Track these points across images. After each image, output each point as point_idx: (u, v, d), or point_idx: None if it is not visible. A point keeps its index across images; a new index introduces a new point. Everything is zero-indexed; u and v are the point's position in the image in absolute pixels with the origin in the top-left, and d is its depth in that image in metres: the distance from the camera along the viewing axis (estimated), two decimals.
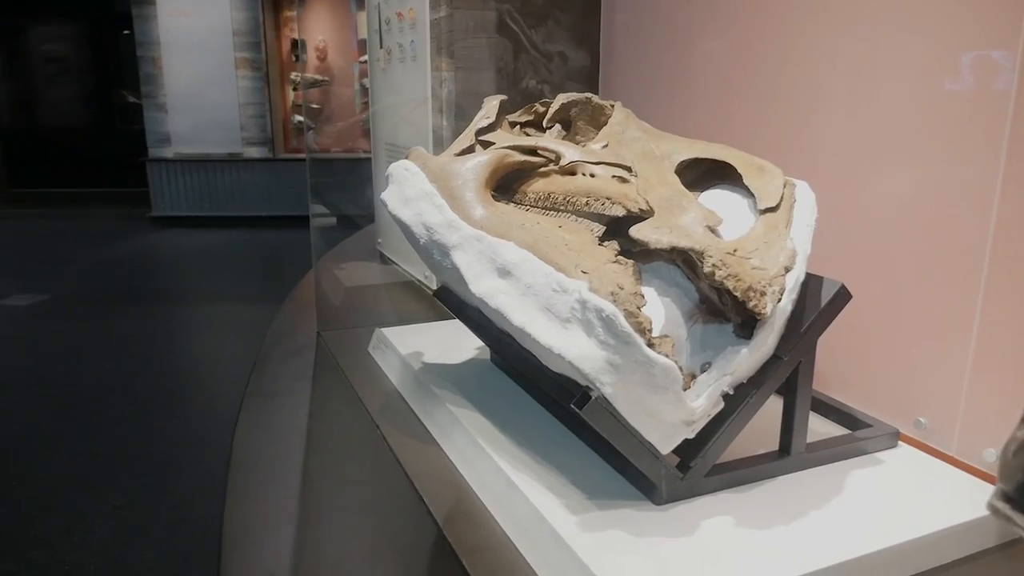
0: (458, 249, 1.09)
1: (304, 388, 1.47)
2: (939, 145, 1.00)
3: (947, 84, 0.97)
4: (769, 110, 1.30)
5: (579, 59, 1.86)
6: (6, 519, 2.32)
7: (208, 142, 8.63)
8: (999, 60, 0.90)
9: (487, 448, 1.03)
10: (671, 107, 1.57)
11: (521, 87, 1.85)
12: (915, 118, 1.03)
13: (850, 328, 1.03)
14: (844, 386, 1.16)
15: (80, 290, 5.56)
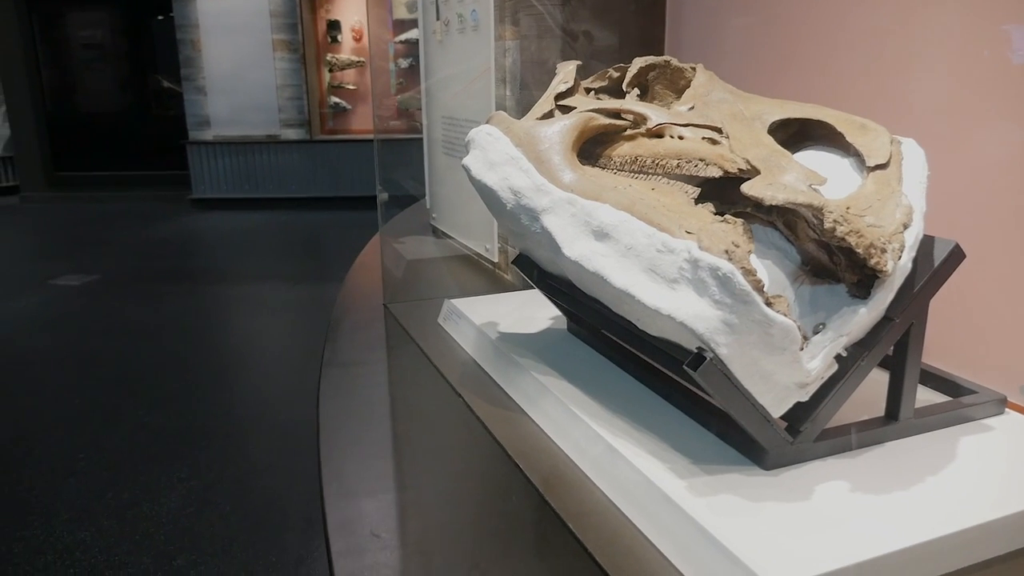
0: (549, 213, 1.07)
1: (379, 358, 1.47)
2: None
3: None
4: (863, 71, 1.26)
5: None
6: (77, 490, 2.37)
7: (246, 124, 8.68)
8: None
9: (581, 415, 1.02)
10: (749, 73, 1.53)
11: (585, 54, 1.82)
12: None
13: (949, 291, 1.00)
14: (942, 352, 1.13)
15: (128, 270, 5.65)
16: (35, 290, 5.02)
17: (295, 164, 8.72)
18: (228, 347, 3.93)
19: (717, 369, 0.80)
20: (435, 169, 2.45)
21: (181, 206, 8.60)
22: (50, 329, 4.21)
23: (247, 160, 8.72)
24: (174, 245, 6.76)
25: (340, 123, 9.10)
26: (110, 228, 7.52)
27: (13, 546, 2.09)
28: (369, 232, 7.05)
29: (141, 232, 7.26)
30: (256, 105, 8.62)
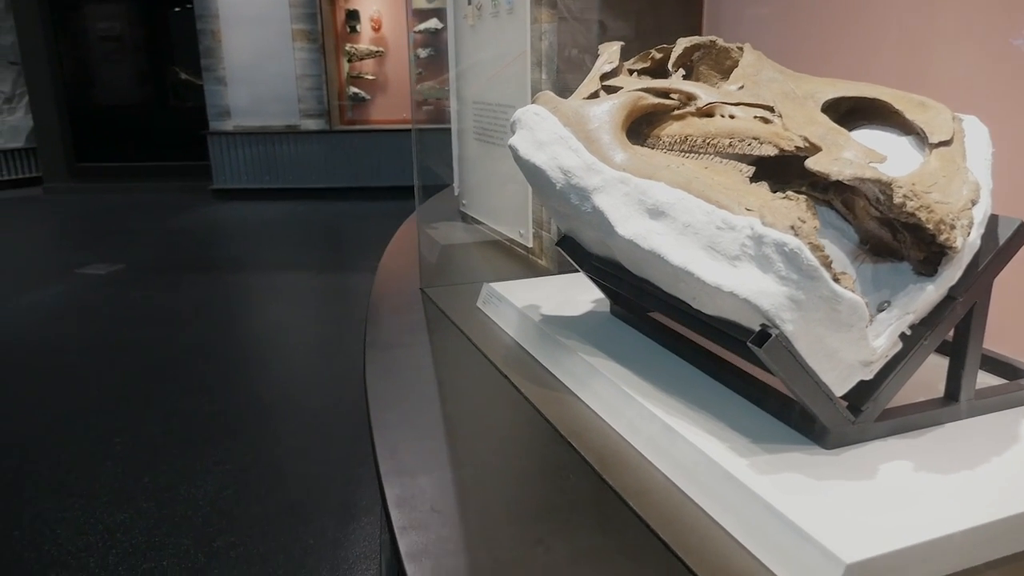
0: (600, 192, 1.06)
1: (421, 340, 1.47)
2: None
3: None
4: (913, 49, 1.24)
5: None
6: (115, 473, 2.41)
7: (266, 115, 8.71)
8: None
9: (634, 395, 1.02)
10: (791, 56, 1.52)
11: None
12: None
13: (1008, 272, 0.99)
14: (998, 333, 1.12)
15: (152, 260, 5.70)
16: (62, 279, 5.08)
17: (315, 154, 8.74)
18: (254, 335, 3.96)
19: (782, 346, 0.79)
20: (465, 156, 2.45)
21: (202, 196, 8.65)
22: (79, 317, 4.26)
23: (267, 150, 8.76)
24: (196, 235, 6.81)
25: (359, 113, 9.11)
26: (133, 218, 7.59)
27: (56, 527, 2.13)
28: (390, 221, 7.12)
29: (163, 222, 7.31)
30: (276, 95, 8.64)
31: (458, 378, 1.28)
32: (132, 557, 1.98)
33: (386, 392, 1.22)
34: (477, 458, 1.00)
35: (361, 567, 1.92)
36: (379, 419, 1.10)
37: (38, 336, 3.94)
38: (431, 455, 1.02)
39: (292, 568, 1.93)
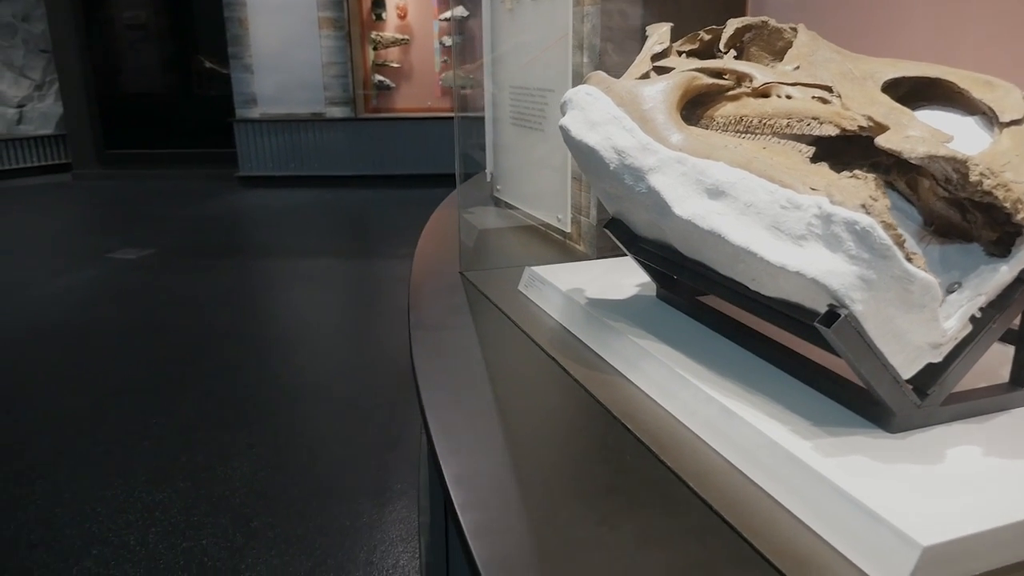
0: (656, 172, 1.05)
1: (464, 322, 1.47)
2: None
3: None
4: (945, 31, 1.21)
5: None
6: (153, 453, 2.44)
7: (292, 102, 8.73)
8: None
9: (689, 377, 1.01)
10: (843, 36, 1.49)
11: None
12: None
13: None
14: None
15: (182, 245, 5.75)
16: (94, 264, 5.14)
17: (340, 142, 8.76)
18: (284, 319, 3.99)
19: (851, 327, 0.78)
20: (500, 142, 2.44)
21: (228, 184, 8.72)
22: (112, 301, 4.31)
23: (293, 138, 8.79)
24: (224, 221, 6.86)
25: (384, 102, 9.11)
26: (161, 204, 7.66)
27: (96, 505, 2.16)
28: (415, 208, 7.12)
29: (191, 208, 7.37)
30: (302, 83, 8.66)
31: (505, 359, 1.28)
32: (171, 536, 2.00)
33: (435, 373, 1.22)
34: (532, 438, 1.00)
35: (397, 550, 1.93)
36: (431, 399, 1.10)
37: (73, 319, 3.99)
38: (486, 435, 1.02)
39: (330, 549, 1.95)
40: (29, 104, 10.96)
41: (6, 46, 10.83)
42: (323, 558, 1.91)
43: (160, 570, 1.88)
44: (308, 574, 1.85)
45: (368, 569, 1.87)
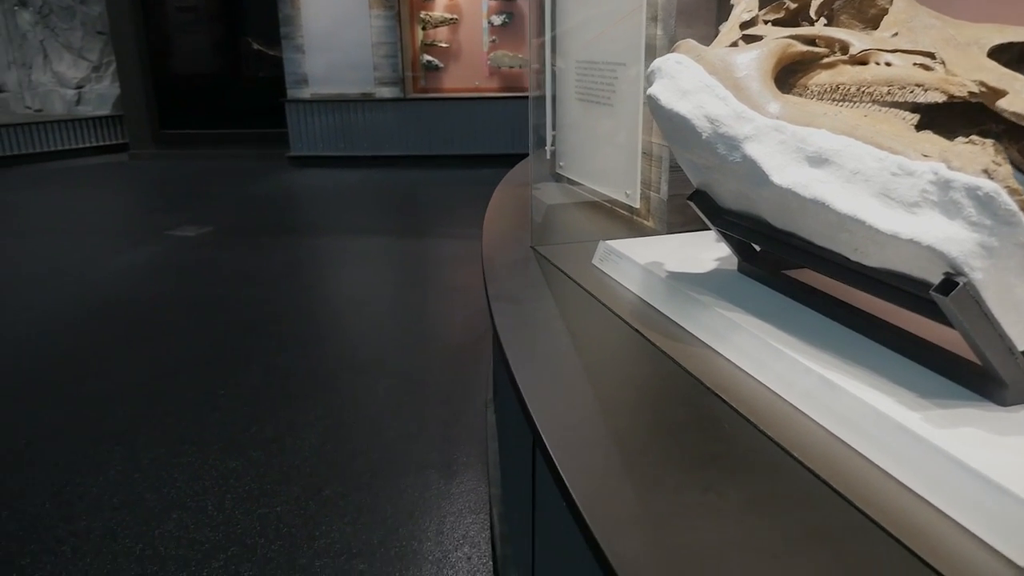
0: (752, 140, 1.04)
1: (542, 295, 1.47)
2: None
3: None
4: None
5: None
6: (222, 424, 2.50)
7: (342, 82, 8.79)
8: None
9: (784, 349, 1.00)
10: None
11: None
12: None
13: None
14: None
15: (237, 223, 5.86)
16: (155, 240, 5.27)
17: (389, 122, 8.81)
18: (341, 296, 4.04)
19: (969, 296, 0.76)
20: (565, 118, 2.42)
21: (279, 163, 8.83)
22: (174, 276, 4.42)
23: (342, 118, 8.86)
24: (277, 200, 6.97)
25: (432, 82, 9.12)
26: (215, 183, 7.80)
27: (172, 471, 2.23)
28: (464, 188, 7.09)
29: (244, 188, 7.50)
30: (352, 63, 8.71)
31: (587, 330, 1.28)
32: (247, 502, 2.06)
33: (521, 343, 1.23)
34: (626, 407, 1.00)
35: (467, 521, 1.96)
36: (520, 368, 1.11)
37: (138, 294, 4.10)
38: (579, 404, 1.02)
39: (401, 518, 1.98)
40: (87, 85, 11.24)
41: (65, 28, 11.10)
42: (394, 527, 1.94)
43: (238, 534, 1.93)
44: (380, 543, 1.88)
45: (439, 539, 1.90)
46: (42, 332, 3.52)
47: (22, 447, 2.42)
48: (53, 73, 11.33)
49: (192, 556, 1.85)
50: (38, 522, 2.02)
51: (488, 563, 1.78)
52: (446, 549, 1.85)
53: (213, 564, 1.82)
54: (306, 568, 1.79)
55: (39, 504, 2.10)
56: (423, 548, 1.86)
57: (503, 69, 8.76)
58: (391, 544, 1.87)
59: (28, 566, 1.85)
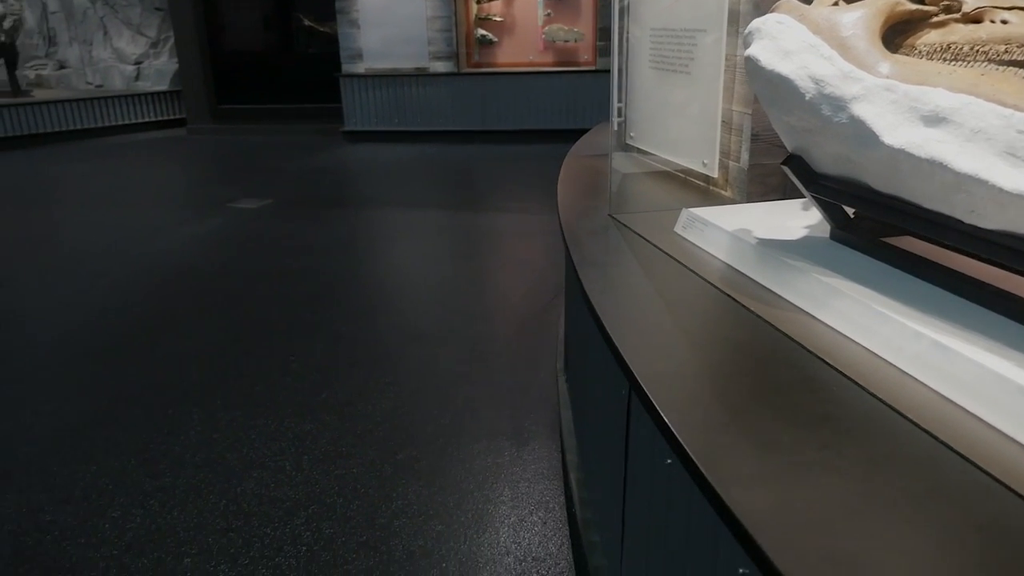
0: (861, 100, 1.02)
1: (626, 260, 1.48)
2: None
3: None
4: None
5: None
6: (295, 388, 2.56)
7: (397, 57, 8.81)
8: None
9: (891, 314, 0.98)
10: None
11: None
12: None
13: None
14: None
15: (295, 196, 5.95)
16: (218, 212, 5.38)
17: (442, 97, 8.81)
18: (399, 267, 4.09)
19: None
20: (637, 87, 2.40)
21: (333, 138, 8.92)
22: (238, 247, 4.52)
23: (396, 93, 8.89)
24: (333, 174, 7.05)
25: (486, 56, 9.08)
26: (271, 157, 7.92)
27: (250, 432, 2.29)
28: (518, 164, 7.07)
29: (300, 162, 7.60)
30: (407, 38, 8.72)
31: (675, 294, 1.28)
32: (324, 463, 2.11)
33: (611, 304, 1.23)
34: (725, 368, 1.00)
35: (540, 486, 1.98)
36: (616, 330, 1.11)
37: (204, 263, 4.21)
38: (676, 362, 1.02)
39: (475, 483, 2.01)
40: (145, 61, 11.46)
41: (124, 5, 11.32)
42: (468, 491, 1.97)
43: (317, 493, 1.98)
44: (456, 506, 1.92)
45: (514, 503, 1.92)
46: (117, 299, 3.64)
47: (106, 407, 2.51)
48: (113, 49, 11.58)
49: (274, 513, 1.91)
50: (125, 477, 2.11)
51: (564, 528, 1.80)
52: (521, 513, 1.88)
53: (295, 521, 1.88)
54: (385, 527, 1.83)
55: (125, 460, 2.19)
56: (498, 511, 1.89)
57: (558, 43, 8.68)
58: (466, 507, 1.90)
59: (119, 518, 1.93)
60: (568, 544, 1.75)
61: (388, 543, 1.78)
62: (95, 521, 1.93)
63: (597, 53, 8.47)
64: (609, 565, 1.37)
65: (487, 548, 1.76)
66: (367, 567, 1.70)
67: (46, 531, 1.90)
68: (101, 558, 1.79)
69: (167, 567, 1.74)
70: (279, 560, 1.74)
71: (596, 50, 8.49)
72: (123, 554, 1.80)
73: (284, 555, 1.76)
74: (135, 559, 1.77)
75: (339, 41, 8.94)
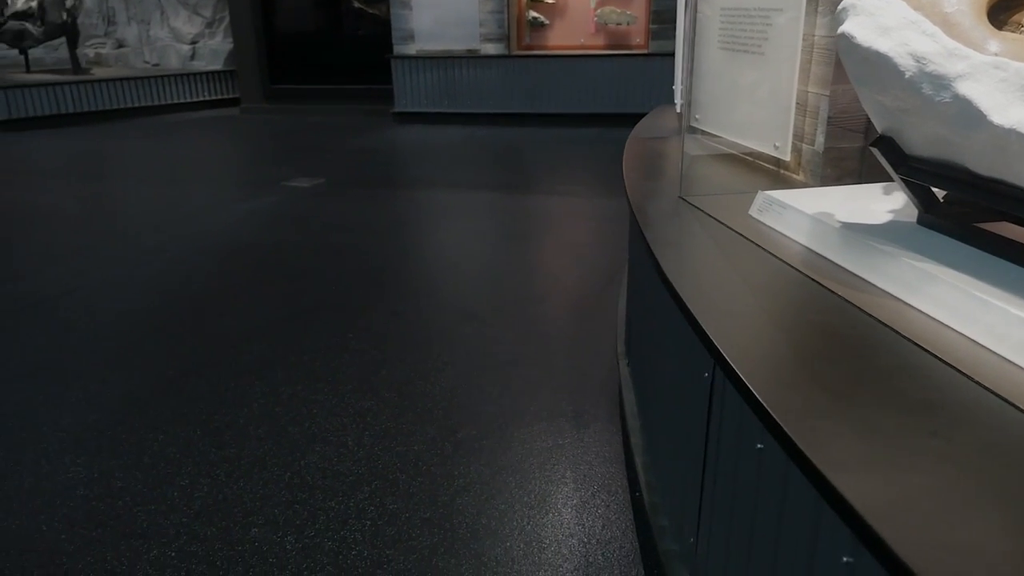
0: (966, 79, 0.98)
1: (699, 241, 1.46)
2: None
3: None
4: None
5: None
6: (353, 365, 2.59)
7: (448, 38, 8.79)
8: None
9: (993, 300, 0.95)
10: None
11: None
12: None
13: None
14: None
15: (348, 175, 5.99)
16: (272, 191, 5.45)
17: (493, 79, 8.78)
18: (453, 247, 4.10)
19: None
20: (704, 68, 2.35)
21: (384, 119, 8.96)
22: (293, 224, 4.58)
23: (447, 75, 8.88)
24: (384, 155, 7.09)
25: (537, 39, 9.01)
26: (323, 138, 7.99)
27: (311, 407, 2.32)
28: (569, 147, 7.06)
29: (352, 142, 7.65)
30: (458, 19, 8.70)
31: (754, 276, 1.25)
32: (385, 439, 2.13)
33: (690, 283, 1.22)
34: (816, 351, 0.98)
35: (602, 469, 1.98)
36: (700, 312, 1.10)
37: (261, 239, 4.27)
38: (772, 346, 1.00)
39: (537, 463, 2.01)
40: (201, 41, 11.63)
41: None
42: (530, 472, 1.98)
43: (379, 469, 2.00)
44: (517, 487, 1.92)
45: (577, 485, 1.92)
46: (177, 273, 3.72)
47: (169, 378, 2.57)
48: (170, 28, 11.78)
49: (338, 487, 1.94)
50: (191, 447, 2.15)
51: (627, 511, 1.79)
52: (584, 495, 1.87)
53: (359, 495, 1.90)
54: (448, 504, 1.85)
55: (191, 430, 2.23)
56: (561, 493, 1.89)
57: (610, 26, 8.57)
58: (528, 487, 1.91)
59: (188, 486, 1.98)
60: (633, 528, 1.74)
61: (452, 520, 1.79)
62: (164, 488, 1.98)
63: (650, 36, 8.33)
64: (681, 550, 1.36)
65: (551, 529, 1.76)
66: (432, 543, 1.72)
67: (117, 496, 1.95)
68: (171, 525, 1.83)
69: (235, 536, 1.78)
70: (344, 533, 1.77)
71: (649, 33, 8.35)
72: (192, 521, 1.84)
73: (349, 528, 1.78)
74: (204, 527, 1.82)
75: (391, 22, 8.95)
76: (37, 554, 1.75)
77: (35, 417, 2.36)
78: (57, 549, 1.77)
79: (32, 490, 2.00)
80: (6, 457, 2.15)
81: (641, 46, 8.49)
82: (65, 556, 1.74)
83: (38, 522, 1.87)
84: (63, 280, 3.64)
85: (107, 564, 1.71)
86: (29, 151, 7.61)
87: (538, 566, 1.64)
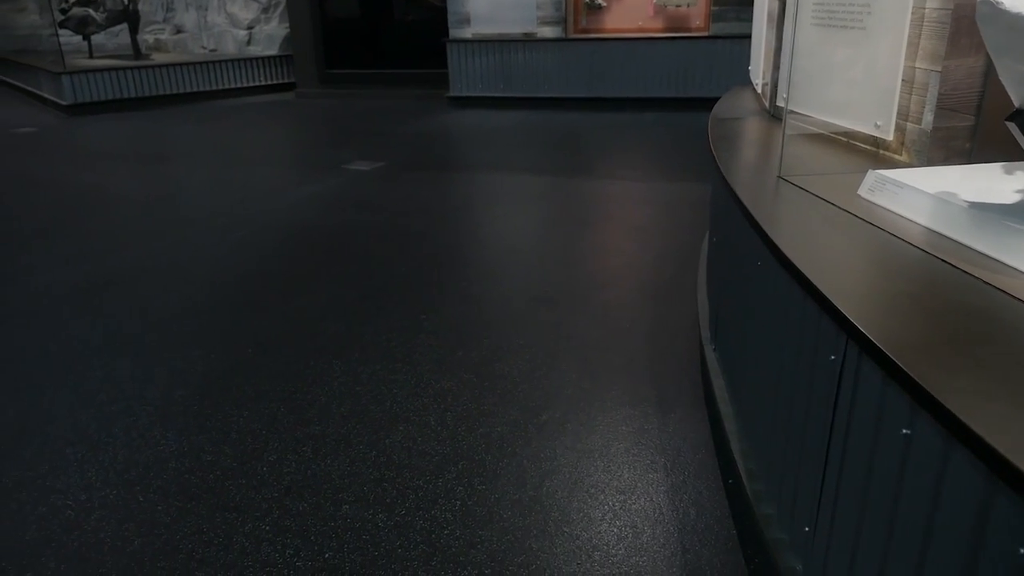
0: None
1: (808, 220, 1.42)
2: None
3: None
4: None
5: None
6: (430, 346, 2.61)
7: (504, 22, 8.74)
8: None
9: None
10: None
11: None
12: None
13: None
14: None
15: (406, 159, 6.01)
16: (334, 174, 5.50)
17: (549, 63, 8.70)
18: (518, 230, 4.08)
19: None
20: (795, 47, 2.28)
21: (439, 104, 8.96)
22: (357, 206, 4.61)
23: (503, 59, 8.83)
24: (441, 139, 7.09)
25: (594, 22, 8.90)
26: (380, 122, 8.03)
27: (392, 387, 2.34)
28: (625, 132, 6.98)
29: (409, 126, 7.68)
30: (515, 2, 8.63)
31: (879, 258, 1.21)
32: (467, 421, 2.13)
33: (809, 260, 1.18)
34: (976, 337, 0.93)
35: (691, 455, 1.95)
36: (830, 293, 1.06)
37: (326, 221, 4.32)
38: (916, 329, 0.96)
39: (624, 448, 2.00)
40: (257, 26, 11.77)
41: None
42: (618, 457, 1.96)
43: (464, 450, 2.01)
44: (605, 471, 1.90)
45: (668, 470, 1.89)
46: (246, 255, 3.78)
47: (250, 356, 2.61)
48: (227, 14, 11.94)
49: (425, 466, 1.94)
50: (276, 423, 2.18)
51: (722, 498, 1.76)
52: (674, 481, 1.84)
53: (447, 475, 1.90)
54: (537, 487, 1.84)
55: (275, 407, 2.27)
56: (650, 478, 1.86)
57: (669, 8, 8.42)
58: (617, 472, 1.89)
59: (276, 462, 2.01)
60: (728, 515, 1.71)
61: (542, 503, 1.79)
62: (253, 464, 2.01)
63: (710, 19, 8.16)
64: (791, 539, 1.33)
65: (644, 515, 1.74)
66: (524, 525, 1.71)
67: (208, 470, 1.99)
68: (263, 499, 1.86)
69: (326, 512, 1.80)
70: (435, 512, 1.77)
71: (709, 16, 8.18)
72: (283, 496, 1.86)
73: (439, 508, 1.79)
74: (295, 502, 1.84)
75: (447, 5, 8.93)
76: (136, 524, 1.80)
77: (123, 391, 2.42)
78: (155, 520, 1.81)
79: (126, 461, 2.05)
80: (99, 429, 2.21)
81: (701, 28, 8.32)
82: (163, 527, 1.78)
83: (134, 492, 1.91)
84: (135, 261, 3.73)
85: (204, 535, 1.74)
86: (94, 135, 7.82)
87: (633, 551, 1.62)
